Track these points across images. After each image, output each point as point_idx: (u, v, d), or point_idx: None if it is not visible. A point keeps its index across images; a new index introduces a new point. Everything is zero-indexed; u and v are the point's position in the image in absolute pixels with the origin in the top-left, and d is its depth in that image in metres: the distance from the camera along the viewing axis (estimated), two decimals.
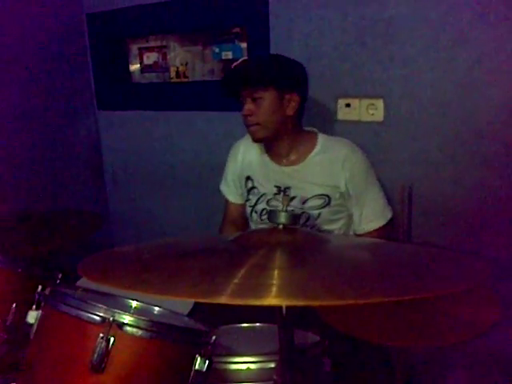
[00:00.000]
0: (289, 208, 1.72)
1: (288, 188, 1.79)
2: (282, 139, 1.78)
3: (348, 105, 2.11)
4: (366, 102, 2.07)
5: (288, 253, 0.88)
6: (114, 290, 1.36)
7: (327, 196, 1.76)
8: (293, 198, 1.77)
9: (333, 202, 1.76)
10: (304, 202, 1.77)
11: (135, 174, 2.81)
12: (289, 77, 1.75)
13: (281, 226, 0.97)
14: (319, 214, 1.77)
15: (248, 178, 1.89)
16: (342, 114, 2.13)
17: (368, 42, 2.01)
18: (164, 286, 0.78)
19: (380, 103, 2.04)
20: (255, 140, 1.79)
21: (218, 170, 2.05)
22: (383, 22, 1.96)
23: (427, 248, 1.09)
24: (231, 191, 1.98)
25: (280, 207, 1.72)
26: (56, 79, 2.56)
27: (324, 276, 0.78)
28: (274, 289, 0.74)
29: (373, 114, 2.07)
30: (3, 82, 2.30)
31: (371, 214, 1.79)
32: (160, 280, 0.81)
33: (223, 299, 0.70)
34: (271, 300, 0.71)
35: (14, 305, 1.33)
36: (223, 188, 2.01)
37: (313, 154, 1.79)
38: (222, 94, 1.82)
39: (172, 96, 2.61)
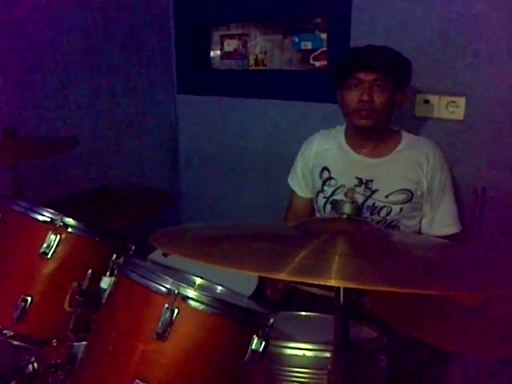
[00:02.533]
0: (371, 201, 1.77)
1: (370, 180, 1.78)
2: (376, 132, 1.78)
3: (427, 101, 2.05)
4: (446, 99, 2.01)
5: (349, 242, 0.89)
6: (180, 265, 1.44)
7: (410, 191, 1.75)
8: (375, 190, 1.77)
9: (414, 199, 1.75)
10: (387, 196, 1.76)
11: (208, 157, 2.89)
12: (406, 73, 1.77)
13: (344, 216, 0.98)
14: (401, 209, 1.75)
15: (324, 169, 1.86)
16: (420, 110, 2.08)
17: (452, 37, 1.95)
18: (228, 259, 0.82)
19: (461, 101, 1.98)
20: (364, 127, 1.74)
21: (288, 159, 2.06)
22: (469, 18, 1.89)
23: (497, 252, 1.06)
24: (299, 184, 1.98)
25: (361, 199, 1.77)
26: (141, 62, 2.68)
27: (383, 265, 0.80)
28: (333, 271, 0.76)
29: (453, 112, 2.00)
30: (90, 66, 2.43)
31: (445, 219, 1.77)
32: (225, 254, 0.85)
33: (283, 275, 0.73)
34: (330, 280, 0.73)
35: (90, 271, 1.43)
36: (291, 181, 2.01)
37: (398, 148, 1.79)
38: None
39: (249, 83, 2.65)
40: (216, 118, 2.81)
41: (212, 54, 2.84)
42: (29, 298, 1.40)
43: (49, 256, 1.42)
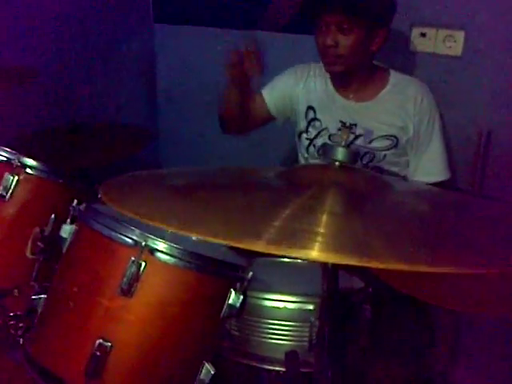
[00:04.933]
0: (353, 146, 1.62)
1: (354, 125, 1.66)
2: (356, 74, 1.64)
3: (423, 34, 1.89)
4: (443, 32, 1.85)
5: (342, 195, 0.75)
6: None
7: (395, 137, 1.64)
8: (358, 136, 1.65)
9: (400, 145, 1.64)
10: (370, 142, 1.65)
11: (189, 93, 2.70)
12: (383, 9, 1.57)
13: (337, 164, 0.83)
14: (385, 156, 1.65)
15: (310, 108, 1.74)
16: (416, 44, 1.92)
17: None
18: (188, 220, 0.66)
19: (460, 35, 1.82)
20: (332, 73, 1.65)
21: None
22: None
23: (499, 204, 0.95)
24: (272, 97, 1.79)
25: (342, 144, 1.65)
26: None
27: (383, 230, 0.64)
28: (320, 239, 0.61)
29: (450, 47, 1.85)
30: None
31: (430, 167, 1.66)
32: (185, 212, 0.69)
33: (258, 246, 0.58)
34: (314, 253, 0.59)
35: (53, 216, 1.31)
36: (265, 92, 1.81)
37: (384, 91, 1.66)
38: (300, 14, 1.66)
39: (234, 12, 2.44)
40: (198, 50, 2.61)
41: None
42: None
43: (6, 198, 1.29)
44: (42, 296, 1.07)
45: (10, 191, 1.29)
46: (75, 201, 1.11)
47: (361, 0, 1.54)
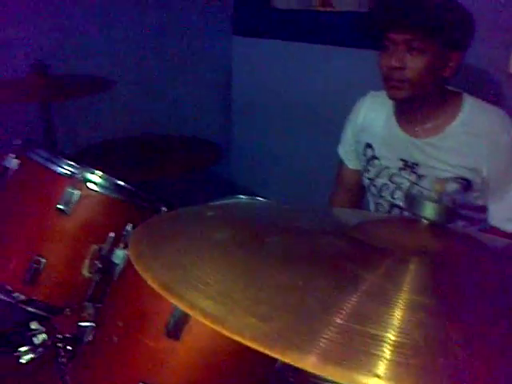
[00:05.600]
0: (417, 188, 1.42)
1: (416, 164, 1.45)
2: (423, 103, 1.41)
3: None
4: None
5: (429, 271, 0.56)
6: None
7: (466, 180, 1.39)
8: (421, 176, 1.44)
9: (474, 187, 1.39)
10: None
11: (264, 106, 2.63)
12: (461, 30, 1.35)
13: (425, 222, 0.64)
14: (454, 201, 1.41)
15: (368, 146, 1.56)
16: None
17: None
18: (215, 309, 0.47)
19: None
20: (395, 100, 1.43)
21: None
22: None
23: None
24: (349, 154, 1.66)
25: (407, 185, 1.47)
26: None
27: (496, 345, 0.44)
28: (387, 355, 0.42)
29: None
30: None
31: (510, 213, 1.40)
32: (211, 294, 0.48)
33: (308, 363, 0.41)
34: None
35: (112, 234, 1.26)
36: (341, 150, 1.69)
37: (454, 124, 1.40)
38: (362, 28, 1.47)
39: (313, 26, 2.34)
40: (275, 63, 2.53)
41: None
42: (43, 260, 1.24)
43: (66, 213, 1.25)
44: (90, 324, 1.01)
45: (72, 206, 1.25)
46: (129, 225, 1.04)
47: (436, 17, 1.31)
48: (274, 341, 0.44)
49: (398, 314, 0.47)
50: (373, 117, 1.56)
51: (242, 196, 1.78)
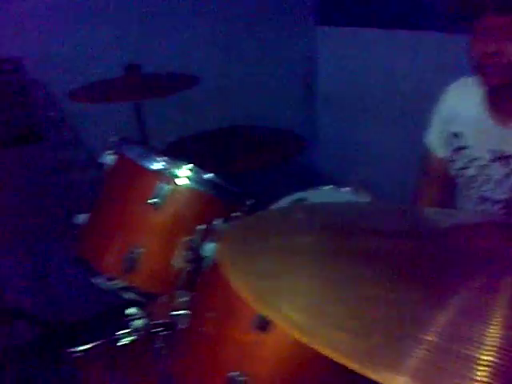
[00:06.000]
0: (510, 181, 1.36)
1: (508, 157, 1.37)
2: None
3: None
4: None
5: None
6: None
7: None
8: None
9: None
10: None
11: (349, 98, 2.60)
12: None
13: None
14: None
15: (455, 135, 1.50)
16: None
17: None
18: (307, 323, 0.47)
19: None
20: (490, 86, 1.35)
21: None
22: None
23: None
24: (439, 143, 1.60)
25: (498, 178, 1.39)
26: None
27: None
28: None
29: None
30: None
31: None
32: (299, 303, 0.48)
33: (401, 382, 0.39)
34: None
35: (201, 227, 1.31)
36: (428, 138, 1.64)
37: None
38: (455, 11, 1.42)
39: (402, 11, 2.26)
40: (360, 52, 2.48)
41: None
42: (139, 250, 1.32)
43: (159, 207, 1.32)
44: (183, 312, 1.06)
45: (163, 200, 1.32)
46: (217, 219, 1.07)
47: None
48: (365, 358, 0.43)
49: (494, 333, 0.44)
50: (461, 105, 1.50)
51: (326, 186, 1.79)
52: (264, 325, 0.88)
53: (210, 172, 1.37)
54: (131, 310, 1.31)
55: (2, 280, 1.72)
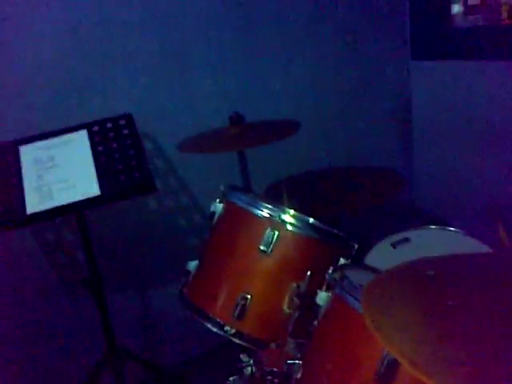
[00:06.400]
0: None
1: None
2: None
3: None
4: None
5: None
6: None
7: None
8: None
9: None
10: None
11: (446, 130, 2.53)
12: None
13: None
14: None
15: None
16: None
17: None
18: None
19: None
20: None
21: None
22: None
23: None
24: None
25: None
26: (369, 25, 2.43)
27: None
28: None
29: None
30: (314, 35, 2.28)
31: None
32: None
33: None
34: None
35: (309, 272, 1.32)
36: None
37: None
38: None
39: (500, 42, 2.19)
40: (458, 85, 2.42)
41: (453, 9, 2.43)
42: (248, 296, 1.35)
43: (267, 253, 1.35)
44: (297, 362, 1.07)
45: (271, 246, 1.35)
46: (331, 268, 1.08)
47: None
48: None
49: None
50: None
51: (431, 226, 1.73)
52: (386, 378, 0.86)
53: (312, 215, 1.39)
54: (244, 357, 1.34)
55: (112, 322, 1.82)
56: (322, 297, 1.05)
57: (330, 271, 1.08)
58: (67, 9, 1.93)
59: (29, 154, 1.71)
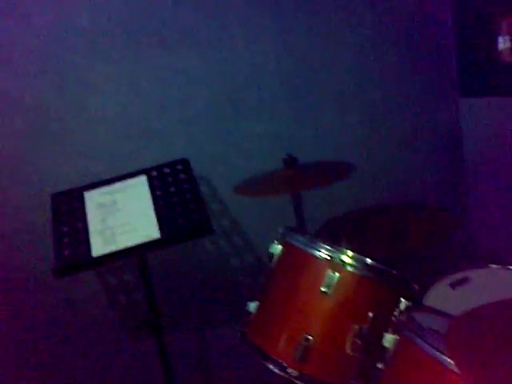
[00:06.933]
0: None
1: None
2: None
3: None
4: None
5: None
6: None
7: None
8: None
9: None
10: None
11: (499, 168, 2.49)
12: None
13: None
14: None
15: None
16: None
17: None
18: None
19: None
20: None
21: None
22: None
23: None
24: None
25: None
26: (415, 64, 2.45)
27: None
28: None
29: None
30: (361, 77, 2.32)
31: None
32: None
33: None
34: None
35: (371, 314, 1.32)
36: None
37: None
38: None
39: None
40: (509, 121, 2.40)
41: (500, 46, 2.43)
42: (310, 337, 1.36)
43: (328, 294, 1.37)
44: None
45: (332, 288, 1.37)
46: (396, 310, 1.09)
47: None
48: None
49: None
50: None
51: (494, 265, 1.70)
52: None
53: (367, 255, 1.40)
54: None
55: (171, 362, 1.84)
56: (389, 339, 1.05)
57: (397, 313, 1.08)
58: (127, 62, 2.06)
59: (93, 198, 1.79)
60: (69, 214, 1.76)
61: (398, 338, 1.04)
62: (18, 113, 2.02)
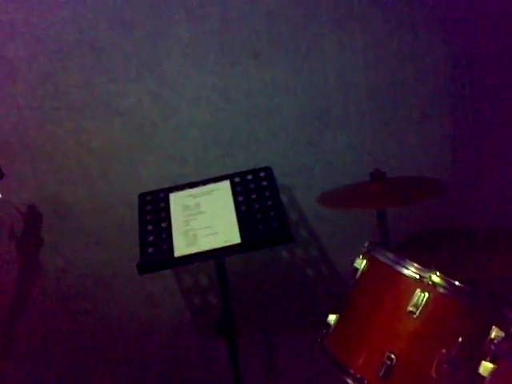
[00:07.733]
0: None
1: None
2: None
3: None
4: None
5: None
6: None
7: None
8: None
9: None
10: None
11: None
12: None
13: None
14: None
15: None
16: None
17: None
18: None
19: None
20: None
21: None
22: None
23: None
24: None
25: None
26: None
27: None
28: None
29: None
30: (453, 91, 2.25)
31: None
32: None
33: None
34: None
35: (461, 339, 1.27)
36: None
37: None
38: None
39: None
40: None
41: None
42: (393, 356, 1.33)
43: (416, 314, 1.33)
44: None
45: (420, 308, 1.32)
46: (491, 334, 1.03)
47: None
48: None
49: None
50: None
51: None
52: None
53: (458, 277, 1.34)
54: None
55: (240, 366, 1.84)
56: (487, 368, 1.00)
57: (497, 341, 1.03)
58: (219, 71, 2.12)
59: (178, 200, 1.84)
60: (154, 213, 1.82)
61: (496, 367, 0.99)
62: (117, 115, 2.12)
